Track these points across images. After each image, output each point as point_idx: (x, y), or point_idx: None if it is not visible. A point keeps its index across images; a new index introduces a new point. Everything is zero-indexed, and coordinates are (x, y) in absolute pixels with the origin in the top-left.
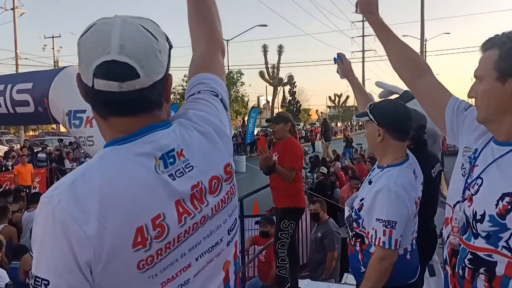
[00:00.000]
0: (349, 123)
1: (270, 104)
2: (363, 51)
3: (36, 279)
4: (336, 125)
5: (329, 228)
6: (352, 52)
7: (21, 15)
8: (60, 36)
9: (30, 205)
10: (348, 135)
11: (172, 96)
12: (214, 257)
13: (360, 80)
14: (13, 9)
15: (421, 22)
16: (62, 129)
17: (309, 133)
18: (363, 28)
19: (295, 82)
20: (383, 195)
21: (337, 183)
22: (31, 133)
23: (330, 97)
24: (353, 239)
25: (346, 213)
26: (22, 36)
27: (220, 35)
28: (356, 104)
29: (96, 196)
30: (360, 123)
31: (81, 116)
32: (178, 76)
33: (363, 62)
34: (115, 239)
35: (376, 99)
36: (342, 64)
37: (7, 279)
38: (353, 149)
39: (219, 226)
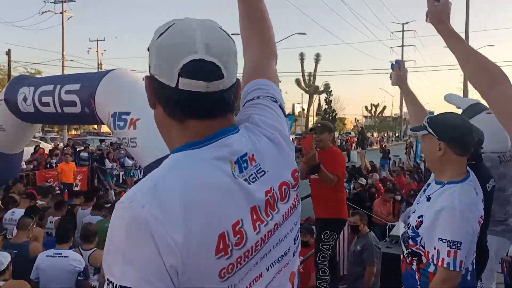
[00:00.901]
0: (385, 134)
1: (305, 112)
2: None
3: None
4: (372, 135)
5: (369, 241)
6: (390, 61)
7: (68, 19)
8: (104, 40)
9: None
10: (385, 146)
11: None
12: (282, 268)
13: (398, 91)
14: (61, 13)
15: (466, 34)
16: (103, 129)
17: (344, 143)
18: (402, 38)
19: (331, 90)
20: (447, 214)
21: (376, 195)
22: (73, 132)
23: (366, 107)
24: (409, 257)
25: (401, 230)
26: (68, 39)
27: (274, 41)
28: (393, 115)
29: (179, 201)
30: (397, 134)
31: (126, 118)
32: None
33: None
34: (199, 246)
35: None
36: (399, 71)
37: (83, 263)
38: (390, 161)
39: (287, 235)
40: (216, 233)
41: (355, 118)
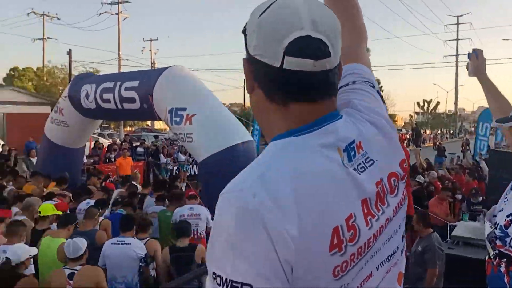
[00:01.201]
0: (439, 131)
1: None
2: (456, 55)
3: (233, 284)
4: (425, 132)
5: (431, 242)
6: (445, 56)
7: (124, 19)
8: (157, 39)
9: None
10: (440, 143)
11: None
12: (391, 267)
13: (453, 86)
14: (117, 14)
15: None
16: (156, 126)
17: None
18: (457, 31)
19: (381, 86)
20: None
21: (434, 194)
22: (128, 128)
23: (418, 103)
24: (496, 258)
25: (487, 230)
26: (124, 39)
27: (364, 26)
28: (447, 111)
29: (290, 191)
30: (451, 131)
31: (182, 113)
32: None
33: (456, 66)
34: (313, 240)
35: None
36: (477, 61)
37: (145, 250)
38: (446, 158)
39: (396, 231)
40: (330, 227)
41: (410, 115)
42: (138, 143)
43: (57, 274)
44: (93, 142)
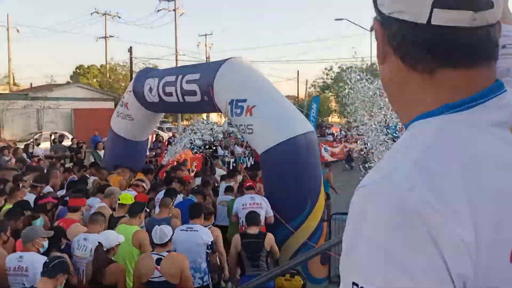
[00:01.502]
0: None
1: None
2: None
3: None
4: None
5: None
6: None
7: (180, 15)
8: (211, 34)
9: None
10: None
11: (312, 89)
12: None
13: None
14: (174, 10)
15: None
16: (211, 119)
17: None
18: None
19: None
20: None
21: None
22: (184, 122)
23: None
24: None
25: None
26: (180, 34)
27: None
28: None
29: (460, 183)
30: None
31: (242, 105)
32: (319, 68)
33: None
34: (492, 248)
35: None
36: None
37: (211, 237)
38: None
39: None
40: (511, 230)
41: None
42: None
43: (146, 259)
44: (154, 136)
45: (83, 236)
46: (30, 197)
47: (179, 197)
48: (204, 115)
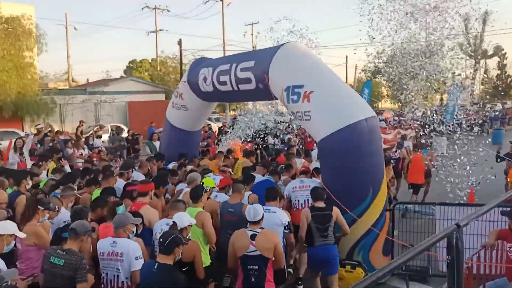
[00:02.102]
0: None
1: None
2: None
3: None
4: None
5: None
6: None
7: (228, 5)
8: (258, 23)
9: None
10: None
11: (362, 74)
12: None
13: None
14: (221, 0)
15: None
16: (258, 108)
17: None
18: None
19: (505, 53)
20: None
21: None
22: (231, 112)
23: None
24: None
25: None
26: (228, 25)
27: None
28: None
29: None
30: None
31: (299, 91)
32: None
33: None
34: None
35: None
36: None
37: (288, 218)
38: None
39: None
40: None
41: None
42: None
43: (241, 234)
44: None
45: (166, 222)
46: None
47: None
48: (251, 104)
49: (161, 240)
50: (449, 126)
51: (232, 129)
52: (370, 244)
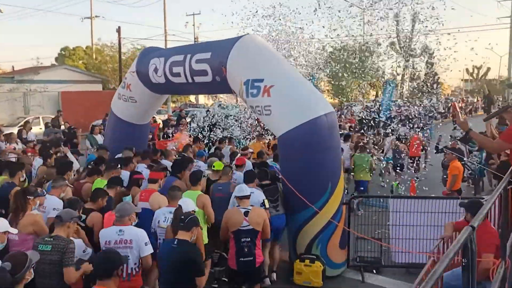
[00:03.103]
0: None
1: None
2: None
3: None
4: (477, 100)
5: None
6: (498, 18)
7: None
8: (200, 13)
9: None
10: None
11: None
12: None
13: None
14: None
15: None
16: (201, 101)
17: (447, 109)
18: None
19: (433, 52)
20: None
21: None
22: (172, 105)
23: (467, 70)
24: None
25: None
26: (169, 14)
27: None
28: (496, 77)
29: None
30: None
31: (259, 85)
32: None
33: (511, 28)
34: None
35: None
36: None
37: None
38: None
39: None
40: None
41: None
42: (189, 119)
43: (235, 212)
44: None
45: (168, 210)
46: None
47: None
48: (193, 97)
49: (182, 217)
50: (385, 120)
51: (179, 121)
52: (328, 237)
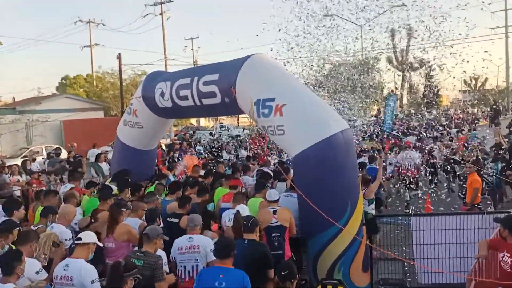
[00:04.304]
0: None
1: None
2: (506, 26)
3: None
4: (477, 111)
5: None
6: (492, 28)
7: (167, 19)
8: (198, 37)
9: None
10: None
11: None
12: None
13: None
14: (161, 14)
15: None
16: (202, 123)
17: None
18: (505, 1)
19: (431, 65)
20: None
21: None
22: (174, 128)
23: (465, 81)
24: None
25: None
26: (169, 39)
27: None
28: (494, 87)
29: None
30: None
31: (270, 104)
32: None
33: (506, 38)
34: None
35: None
36: None
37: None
38: None
39: None
40: None
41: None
42: (196, 142)
43: (266, 211)
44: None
45: (232, 211)
46: None
47: None
48: (194, 120)
49: (244, 222)
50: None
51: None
52: (351, 259)
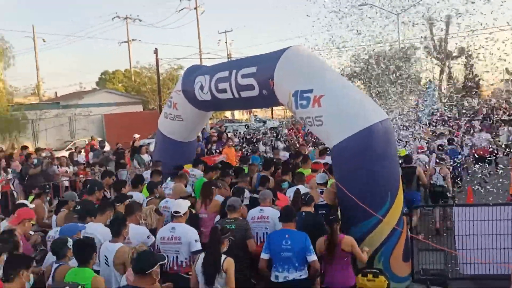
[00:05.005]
0: None
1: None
2: None
3: None
4: None
5: None
6: None
7: (202, 13)
8: (231, 31)
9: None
10: None
11: None
12: None
13: None
14: (195, 8)
15: None
16: (237, 116)
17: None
18: None
19: (471, 54)
20: None
21: None
22: (209, 121)
23: (507, 69)
24: None
25: None
26: (203, 33)
27: None
28: None
29: None
30: None
31: (308, 95)
32: (345, 57)
33: None
34: None
35: None
36: None
37: None
38: None
39: None
40: None
41: None
42: (232, 134)
43: (315, 192)
44: None
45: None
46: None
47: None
48: (229, 113)
49: (303, 197)
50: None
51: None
52: (391, 249)
